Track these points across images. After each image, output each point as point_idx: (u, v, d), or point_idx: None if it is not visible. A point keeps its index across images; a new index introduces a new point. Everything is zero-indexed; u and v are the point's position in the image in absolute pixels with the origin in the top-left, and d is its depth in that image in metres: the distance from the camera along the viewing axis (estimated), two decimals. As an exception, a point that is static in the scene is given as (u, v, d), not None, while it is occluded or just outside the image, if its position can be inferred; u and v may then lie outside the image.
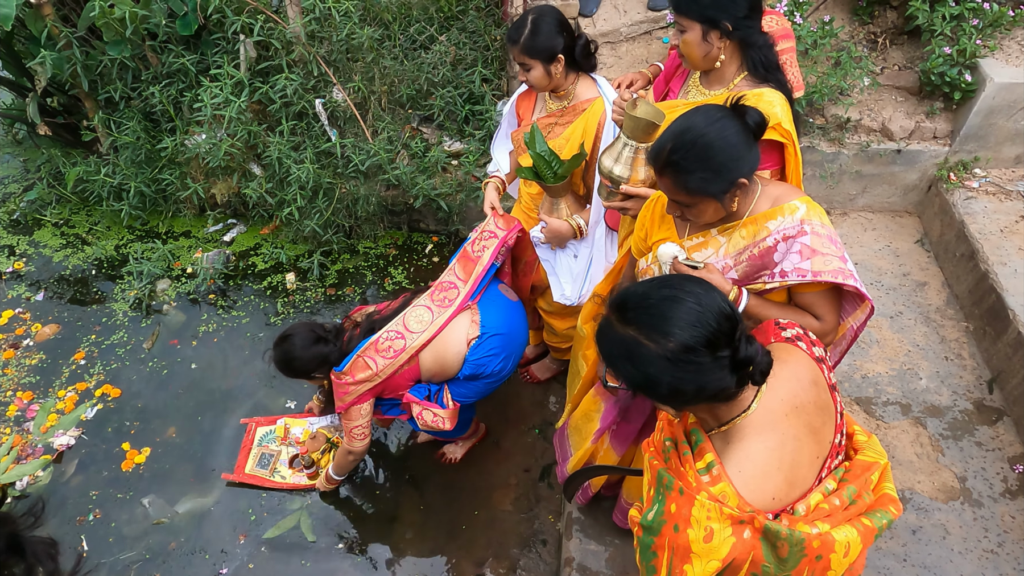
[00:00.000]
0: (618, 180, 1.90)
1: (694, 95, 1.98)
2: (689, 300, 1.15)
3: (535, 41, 2.12)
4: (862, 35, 3.58)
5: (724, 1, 1.74)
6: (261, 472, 2.81)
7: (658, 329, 1.14)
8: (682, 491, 1.19)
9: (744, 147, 1.46)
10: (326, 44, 3.59)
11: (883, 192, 3.50)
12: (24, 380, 3.21)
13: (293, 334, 2.32)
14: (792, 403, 1.25)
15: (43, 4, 3.37)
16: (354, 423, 2.39)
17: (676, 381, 1.14)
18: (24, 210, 3.94)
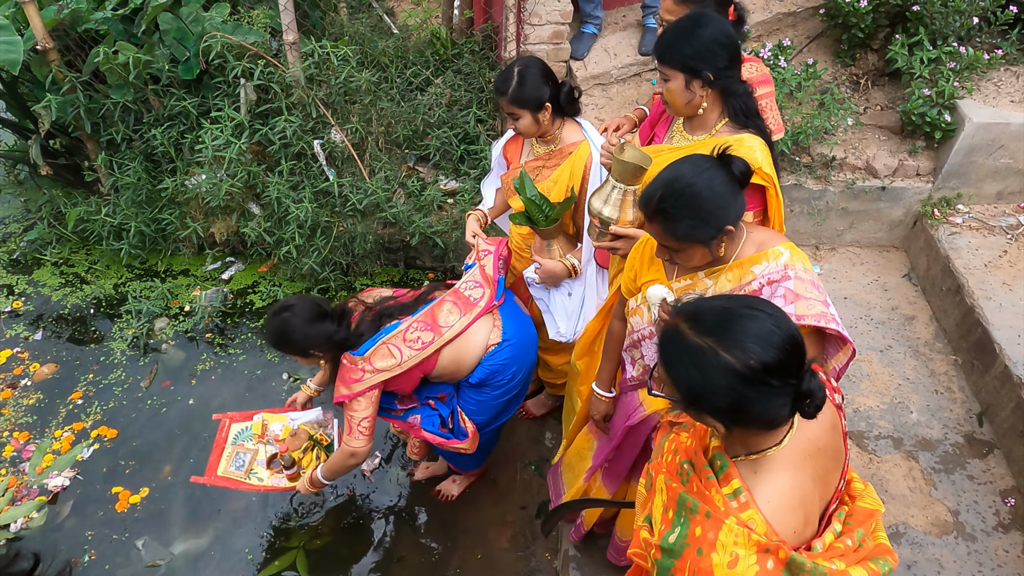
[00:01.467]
0: (607, 221, 1.97)
1: (678, 140, 2.05)
2: (768, 320, 1.15)
3: (523, 92, 2.21)
4: (845, 77, 3.70)
5: (705, 52, 1.82)
6: (236, 474, 2.56)
7: (738, 344, 1.12)
8: (709, 515, 1.19)
9: (730, 196, 1.52)
10: (324, 87, 3.68)
11: (870, 228, 3.58)
12: (21, 420, 3.22)
13: (294, 305, 2.16)
14: (816, 445, 1.27)
15: (49, 50, 3.46)
16: (361, 414, 2.22)
17: (741, 398, 1.13)
18: (24, 249, 3.98)
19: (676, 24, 1.87)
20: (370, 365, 2.16)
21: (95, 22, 3.58)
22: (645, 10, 3.75)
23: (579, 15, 3.80)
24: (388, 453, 3.07)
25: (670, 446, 1.41)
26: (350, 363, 2.17)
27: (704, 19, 1.85)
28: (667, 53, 1.85)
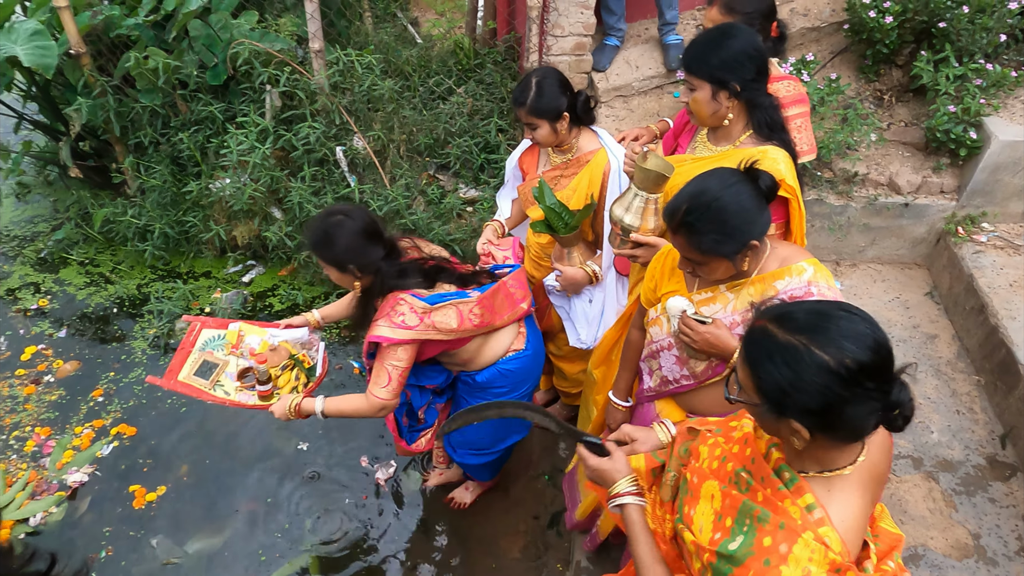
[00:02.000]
0: (628, 229, 1.97)
1: (701, 151, 2.06)
2: (861, 323, 1.11)
3: (541, 102, 2.22)
4: (868, 93, 3.68)
5: (733, 64, 1.83)
6: (199, 382, 2.30)
7: (834, 342, 1.08)
8: (783, 526, 1.16)
9: (756, 211, 1.52)
10: (348, 95, 3.73)
11: (892, 244, 3.54)
12: (43, 416, 3.27)
13: (351, 211, 2.01)
14: (877, 472, 1.26)
15: (82, 55, 3.55)
16: (402, 364, 2.04)
17: (836, 399, 1.08)
18: (51, 248, 4.06)
19: (705, 35, 1.88)
20: (430, 319, 2.03)
21: (127, 28, 3.66)
22: (664, 28, 3.76)
23: (602, 27, 3.81)
24: (405, 463, 3.07)
25: (712, 452, 1.38)
26: (410, 308, 2.01)
27: (733, 31, 1.86)
28: (695, 63, 1.86)
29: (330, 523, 2.85)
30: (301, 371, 2.35)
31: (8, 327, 3.68)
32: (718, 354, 1.65)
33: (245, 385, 2.30)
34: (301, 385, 2.33)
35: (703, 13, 3.99)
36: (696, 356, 1.71)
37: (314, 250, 2.04)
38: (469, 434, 2.50)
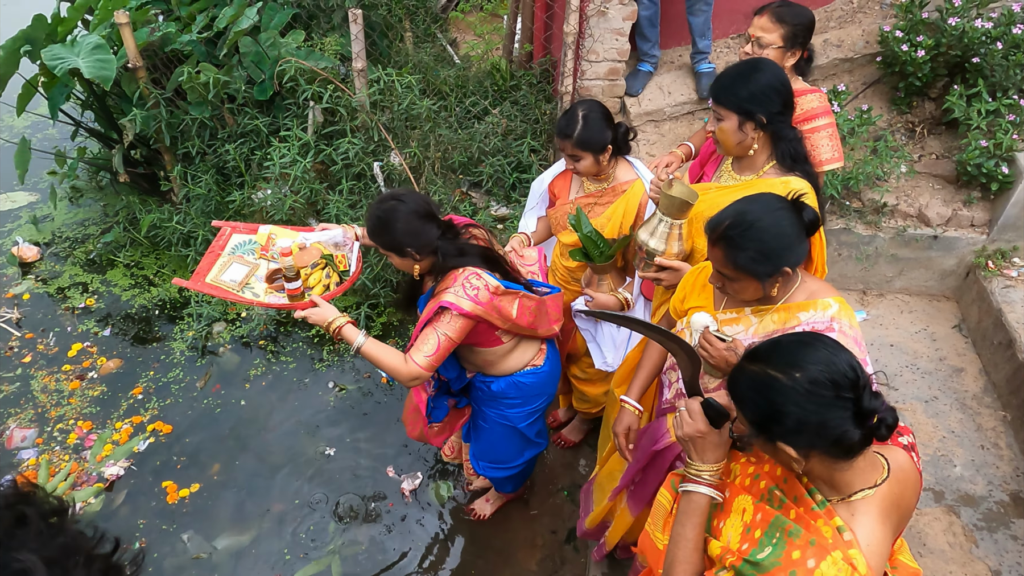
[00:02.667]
0: (653, 252, 2.04)
1: (726, 179, 2.12)
2: (821, 348, 1.23)
3: (587, 135, 2.27)
4: (900, 124, 3.70)
5: (761, 97, 1.91)
6: (227, 284, 2.23)
7: (789, 363, 1.22)
8: (813, 543, 1.21)
9: (796, 239, 1.58)
10: (387, 112, 3.87)
11: (920, 276, 3.54)
12: (86, 410, 3.42)
13: (404, 196, 2.02)
14: (899, 503, 1.30)
15: (138, 68, 3.74)
16: (450, 335, 2.02)
17: (801, 412, 1.19)
18: (100, 251, 4.25)
19: (735, 67, 1.96)
20: (498, 300, 2.05)
21: (181, 44, 3.85)
22: (696, 56, 3.83)
23: (636, 53, 3.90)
24: (431, 473, 3.15)
25: (745, 470, 1.44)
26: (485, 285, 2.02)
27: (762, 65, 1.95)
28: (723, 94, 1.93)
29: (354, 527, 2.94)
30: (333, 270, 2.25)
31: (57, 324, 3.86)
32: None
33: (274, 286, 2.20)
34: (333, 284, 2.22)
35: (737, 43, 4.06)
36: (711, 372, 1.76)
37: (372, 238, 2.05)
38: (491, 449, 2.57)
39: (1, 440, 3.27)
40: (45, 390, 3.51)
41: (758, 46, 2.31)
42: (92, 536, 0.72)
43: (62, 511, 0.71)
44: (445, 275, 2.07)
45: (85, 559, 0.68)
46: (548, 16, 4.01)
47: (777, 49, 2.29)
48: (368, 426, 3.33)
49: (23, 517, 0.65)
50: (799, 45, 2.33)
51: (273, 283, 2.21)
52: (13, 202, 4.69)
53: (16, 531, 0.64)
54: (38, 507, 0.68)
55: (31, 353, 3.69)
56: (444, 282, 2.06)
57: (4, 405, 3.43)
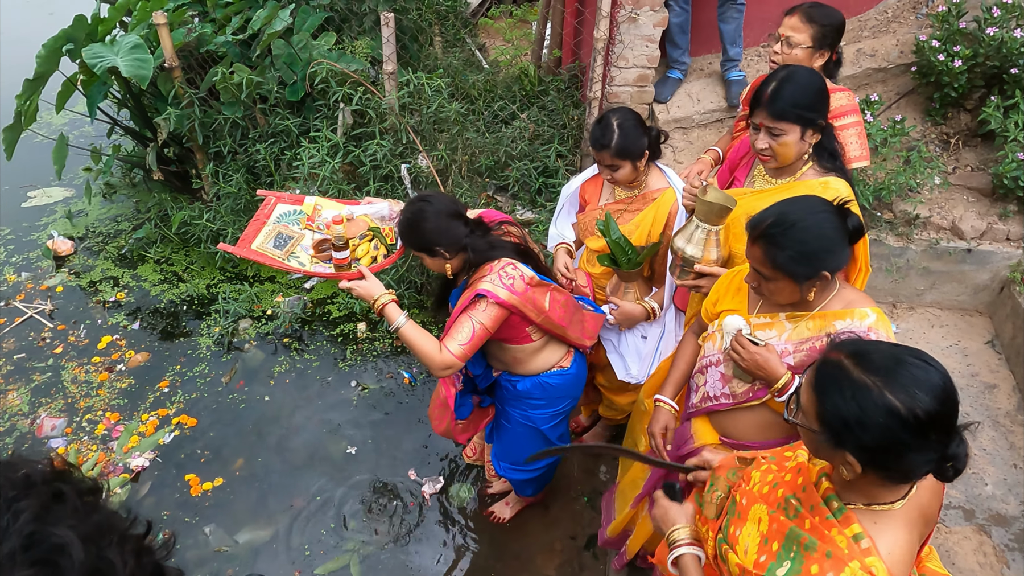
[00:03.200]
0: (690, 260, 2.03)
1: (760, 183, 2.10)
2: (936, 375, 1.14)
3: (626, 144, 2.25)
4: (934, 135, 3.64)
5: (817, 103, 1.91)
6: (272, 252, 2.21)
7: (907, 388, 1.11)
8: (830, 555, 1.19)
9: (838, 244, 1.56)
10: (416, 115, 3.90)
11: (952, 290, 3.47)
12: (114, 402, 3.48)
13: (431, 197, 2.05)
14: (925, 511, 1.28)
15: (174, 68, 3.81)
16: (485, 324, 2.02)
17: (895, 442, 1.12)
18: (131, 246, 4.33)
19: (782, 80, 1.92)
20: (531, 291, 2.08)
21: (216, 45, 3.92)
22: (726, 64, 3.81)
23: (666, 60, 3.89)
24: (453, 477, 3.15)
25: (764, 478, 1.42)
26: (520, 275, 2.05)
27: (800, 72, 1.94)
28: (786, 110, 1.89)
29: (373, 526, 2.94)
30: (381, 242, 2.24)
31: (88, 316, 3.94)
32: (763, 377, 1.68)
33: (321, 256, 2.18)
34: (380, 255, 2.22)
35: (766, 50, 4.03)
36: (741, 376, 1.74)
37: (403, 241, 2.06)
38: (512, 450, 2.56)
39: (32, 428, 3.34)
40: (75, 381, 3.57)
41: (787, 45, 2.29)
42: (126, 517, 0.72)
43: (97, 491, 0.71)
44: (479, 268, 2.09)
45: (119, 539, 0.68)
46: (578, 22, 4.02)
47: (806, 49, 2.27)
48: (390, 426, 3.34)
49: (60, 494, 0.66)
50: (828, 47, 2.31)
51: (321, 252, 2.19)
52: (49, 197, 4.80)
53: (53, 507, 0.64)
54: (74, 485, 0.68)
55: (62, 344, 3.77)
56: (479, 272, 2.08)
57: (36, 395, 3.50)
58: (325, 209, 2.32)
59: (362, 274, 2.06)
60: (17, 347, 3.74)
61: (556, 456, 2.25)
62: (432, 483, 3.07)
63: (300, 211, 2.35)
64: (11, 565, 0.58)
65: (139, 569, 0.68)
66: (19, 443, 3.27)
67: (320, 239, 2.22)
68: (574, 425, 3.26)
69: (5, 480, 0.64)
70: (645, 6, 3.47)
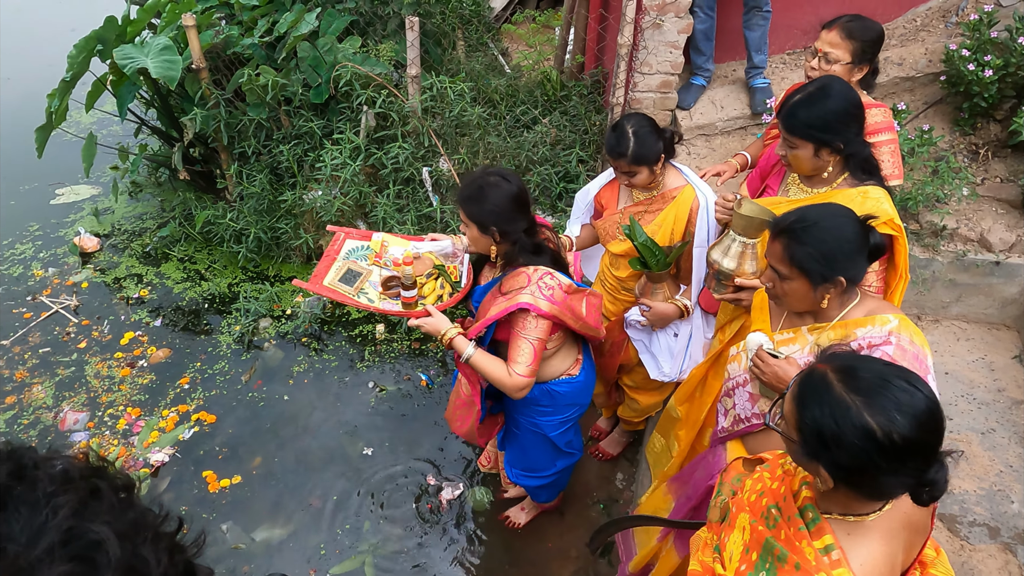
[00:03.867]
0: (727, 273, 2.01)
1: (795, 192, 2.07)
2: (922, 401, 1.12)
3: (643, 150, 2.24)
4: (963, 146, 3.59)
5: (836, 125, 1.86)
6: (343, 288, 2.28)
7: (887, 412, 1.10)
8: (798, 567, 1.19)
9: (857, 253, 1.56)
10: (438, 119, 3.91)
11: (979, 303, 3.41)
12: (135, 397, 3.52)
13: (511, 179, 2.02)
14: (909, 519, 1.27)
15: (202, 69, 3.86)
16: (540, 338, 2.03)
17: (868, 464, 1.11)
18: (156, 244, 4.39)
19: (806, 96, 1.89)
20: (568, 299, 2.06)
21: (243, 47, 3.97)
22: (751, 71, 3.78)
23: (689, 66, 3.87)
24: (465, 478, 3.14)
25: (754, 486, 1.42)
26: (559, 284, 2.04)
27: (832, 89, 1.88)
28: (797, 126, 1.88)
29: (388, 528, 2.95)
30: (447, 281, 2.28)
31: (111, 312, 3.99)
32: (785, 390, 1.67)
33: (389, 293, 2.25)
34: (447, 294, 2.26)
35: (793, 59, 4.00)
36: (766, 393, 1.72)
37: (463, 203, 2.03)
38: (523, 456, 2.55)
39: (55, 422, 3.39)
40: (98, 376, 3.62)
41: (825, 61, 2.24)
42: (158, 514, 0.73)
43: (131, 487, 0.71)
44: (513, 271, 2.08)
45: (153, 536, 0.68)
46: (602, 27, 4.02)
47: (845, 65, 2.23)
48: (407, 428, 3.35)
49: (97, 490, 0.66)
50: (867, 61, 2.26)
51: (389, 290, 2.27)
52: (77, 194, 4.88)
53: (90, 503, 0.65)
54: (110, 482, 0.68)
55: (86, 339, 3.82)
56: (513, 280, 2.06)
57: (60, 388, 3.55)
58: (392, 246, 2.40)
59: (429, 312, 2.11)
60: (43, 341, 3.81)
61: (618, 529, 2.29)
62: (451, 488, 3.07)
63: (368, 247, 2.44)
64: (50, 560, 0.59)
65: (172, 567, 0.68)
66: (42, 436, 3.33)
67: (388, 276, 2.30)
68: (595, 433, 3.24)
69: (44, 475, 0.64)
70: (670, 12, 3.46)
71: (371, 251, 2.41)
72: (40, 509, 0.61)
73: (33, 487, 0.63)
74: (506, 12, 5.53)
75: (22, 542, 0.59)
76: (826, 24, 2.28)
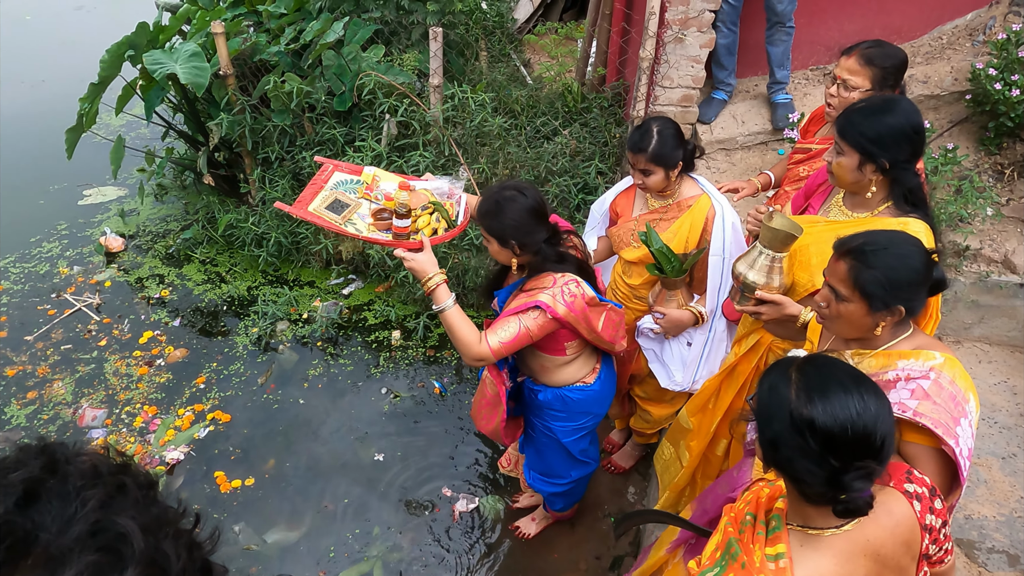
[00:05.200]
0: (752, 286, 1.98)
1: (836, 214, 2.02)
2: (867, 415, 1.16)
3: (663, 151, 2.27)
4: (988, 165, 3.54)
5: (889, 141, 1.78)
6: (329, 215, 2.17)
7: (816, 403, 1.18)
8: (744, 566, 1.24)
9: (921, 286, 1.52)
10: (459, 128, 3.94)
11: (1002, 325, 3.35)
12: (152, 396, 3.57)
13: (528, 191, 2.02)
14: (876, 550, 1.25)
15: (229, 76, 3.93)
16: (531, 328, 2.02)
17: (778, 437, 1.21)
18: (179, 246, 4.46)
19: (868, 104, 1.84)
20: (588, 311, 2.08)
21: (269, 54, 4.04)
22: (773, 87, 3.77)
23: (711, 80, 3.87)
24: (476, 487, 3.14)
25: (747, 496, 1.44)
26: (582, 293, 2.05)
27: (898, 107, 1.81)
28: (849, 129, 1.82)
29: (398, 535, 2.95)
30: (443, 216, 2.19)
31: (132, 311, 4.06)
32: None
33: (380, 224, 2.14)
34: (442, 228, 2.17)
35: (816, 75, 3.99)
36: None
37: (481, 218, 2.03)
38: (540, 460, 2.55)
39: (74, 418, 3.44)
40: (116, 373, 3.68)
41: (844, 88, 2.21)
42: (177, 510, 0.75)
43: (154, 485, 0.74)
44: (539, 275, 2.09)
45: (174, 532, 0.70)
46: (624, 40, 4.03)
47: (865, 92, 2.18)
48: (419, 435, 3.36)
49: (123, 486, 0.68)
50: (890, 87, 2.20)
51: (380, 220, 2.16)
52: (104, 195, 4.98)
53: (117, 497, 0.67)
54: (135, 478, 0.71)
55: (106, 337, 3.88)
56: (538, 281, 2.08)
57: (80, 385, 3.61)
58: (384, 181, 2.29)
59: (422, 245, 2.03)
60: (65, 338, 3.87)
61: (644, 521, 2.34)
62: (466, 501, 3.06)
63: (359, 180, 2.32)
64: (79, 549, 0.62)
65: (191, 563, 0.70)
66: (61, 431, 3.38)
67: (379, 208, 2.20)
68: (608, 446, 3.23)
69: (75, 469, 0.67)
70: (693, 27, 3.47)
71: (361, 184, 2.28)
72: (70, 501, 0.64)
73: (64, 481, 0.66)
74: (529, 23, 5.57)
75: (53, 531, 0.62)
76: (845, 50, 2.24)
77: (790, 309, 1.93)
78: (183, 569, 0.68)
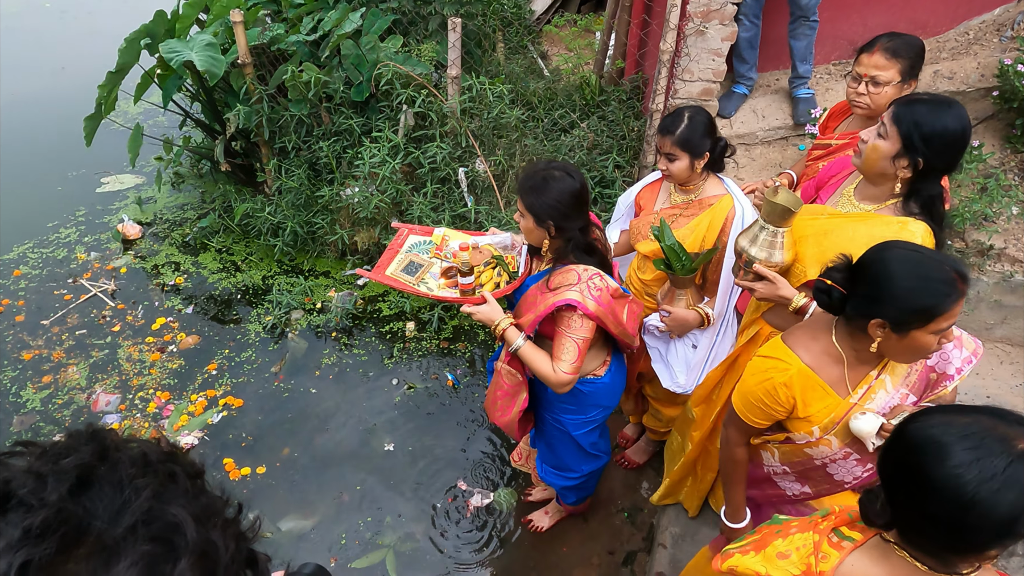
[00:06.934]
0: (751, 260, 1.97)
1: (844, 205, 2.00)
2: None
3: (691, 136, 2.24)
4: (1014, 163, 3.48)
5: (937, 144, 1.72)
6: (404, 278, 2.37)
7: (950, 473, 1.03)
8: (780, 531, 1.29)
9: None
10: (477, 120, 3.92)
11: (1026, 326, 3.30)
12: (165, 381, 3.58)
13: (575, 176, 2.01)
14: None
15: (246, 65, 3.93)
16: (583, 336, 2.04)
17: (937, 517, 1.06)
18: (195, 234, 4.47)
19: (934, 98, 1.78)
20: (613, 303, 2.07)
21: (287, 44, 4.03)
22: (795, 81, 3.72)
23: (731, 74, 3.83)
24: (490, 480, 3.13)
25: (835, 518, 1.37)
26: (607, 286, 2.04)
27: (959, 113, 1.74)
28: (906, 118, 1.75)
29: (411, 525, 2.94)
30: (504, 270, 2.34)
31: (147, 298, 4.07)
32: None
33: (449, 282, 2.33)
34: (503, 282, 2.32)
35: (839, 69, 3.93)
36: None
37: (523, 193, 2.02)
38: (551, 453, 2.53)
39: (88, 403, 3.45)
40: (130, 359, 3.69)
41: (873, 84, 2.16)
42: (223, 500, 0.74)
43: (201, 474, 0.73)
44: (563, 267, 2.07)
45: (222, 523, 0.70)
46: (644, 33, 4.00)
47: (896, 85, 2.15)
48: (432, 426, 3.35)
49: (173, 474, 0.68)
50: (915, 76, 2.19)
51: (448, 278, 2.34)
52: (122, 183, 5.00)
53: (168, 486, 0.66)
54: (184, 467, 0.70)
55: (120, 323, 3.90)
56: (562, 276, 2.05)
57: (94, 370, 3.62)
58: (452, 239, 2.47)
59: (485, 299, 2.13)
60: (80, 323, 3.89)
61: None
62: (481, 496, 3.04)
63: (430, 241, 2.52)
64: (133, 539, 0.61)
65: (237, 553, 0.69)
66: (75, 416, 3.39)
67: (447, 266, 2.38)
68: (622, 441, 3.20)
69: (125, 457, 0.66)
70: (715, 20, 3.43)
71: (432, 244, 2.50)
72: (123, 490, 0.63)
73: (115, 468, 0.65)
74: (547, 15, 5.54)
75: (106, 520, 0.61)
76: (863, 48, 2.20)
77: (784, 291, 1.91)
78: (231, 560, 0.68)
